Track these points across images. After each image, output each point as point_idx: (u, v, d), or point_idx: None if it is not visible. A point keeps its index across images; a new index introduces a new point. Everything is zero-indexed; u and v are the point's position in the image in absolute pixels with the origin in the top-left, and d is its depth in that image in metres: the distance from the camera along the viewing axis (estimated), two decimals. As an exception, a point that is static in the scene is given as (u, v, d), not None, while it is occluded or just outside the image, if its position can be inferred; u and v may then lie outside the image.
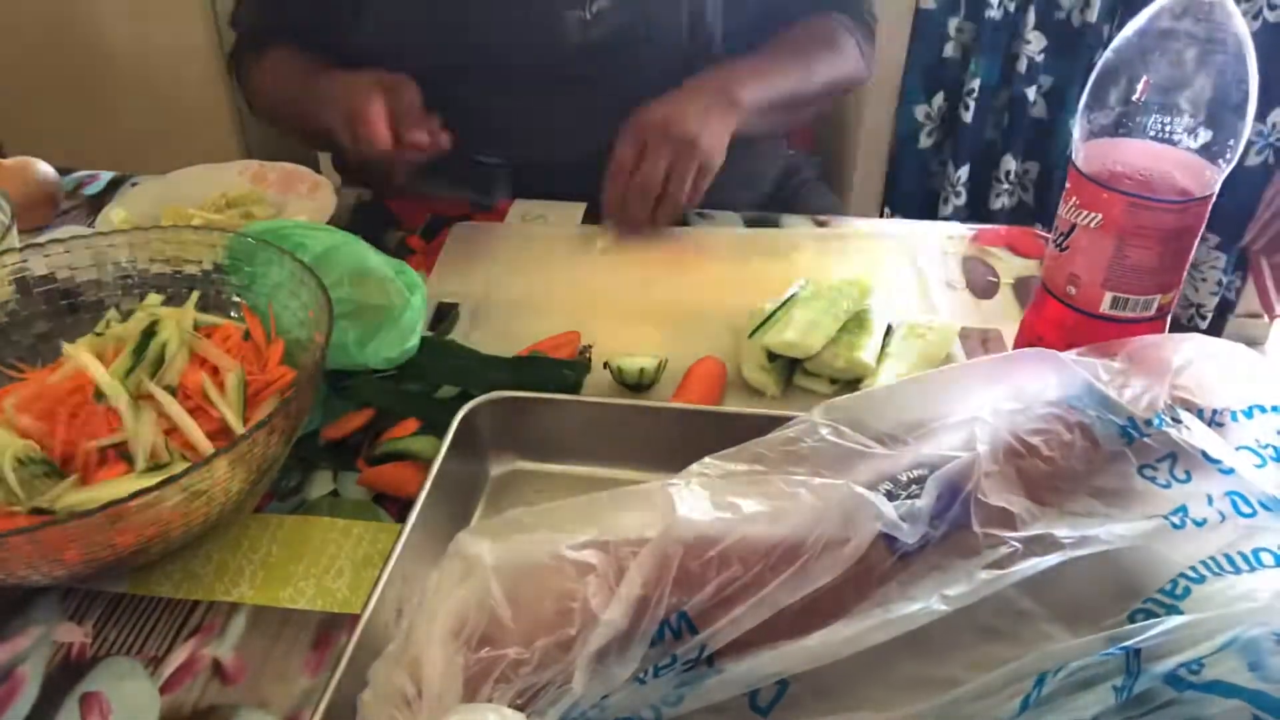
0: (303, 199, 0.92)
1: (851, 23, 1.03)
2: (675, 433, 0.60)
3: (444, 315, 0.79)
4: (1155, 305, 0.62)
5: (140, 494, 0.47)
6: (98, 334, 0.64)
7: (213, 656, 0.53)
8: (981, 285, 0.83)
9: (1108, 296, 0.62)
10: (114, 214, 0.86)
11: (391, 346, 0.66)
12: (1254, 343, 2.12)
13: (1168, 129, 0.57)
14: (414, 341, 0.67)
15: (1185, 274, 0.61)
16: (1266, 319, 2.14)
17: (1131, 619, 0.43)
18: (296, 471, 0.64)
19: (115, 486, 0.54)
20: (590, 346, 0.75)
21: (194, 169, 0.95)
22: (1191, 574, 0.43)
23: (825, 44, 1.00)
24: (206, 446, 0.57)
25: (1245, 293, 2.11)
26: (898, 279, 0.84)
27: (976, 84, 1.91)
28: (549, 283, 0.83)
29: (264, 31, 1.03)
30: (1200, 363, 0.50)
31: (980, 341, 0.76)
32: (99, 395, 0.58)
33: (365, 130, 0.81)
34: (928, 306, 0.80)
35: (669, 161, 0.83)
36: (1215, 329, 2.13)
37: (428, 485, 0.55)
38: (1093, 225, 0.61)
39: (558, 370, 0.69)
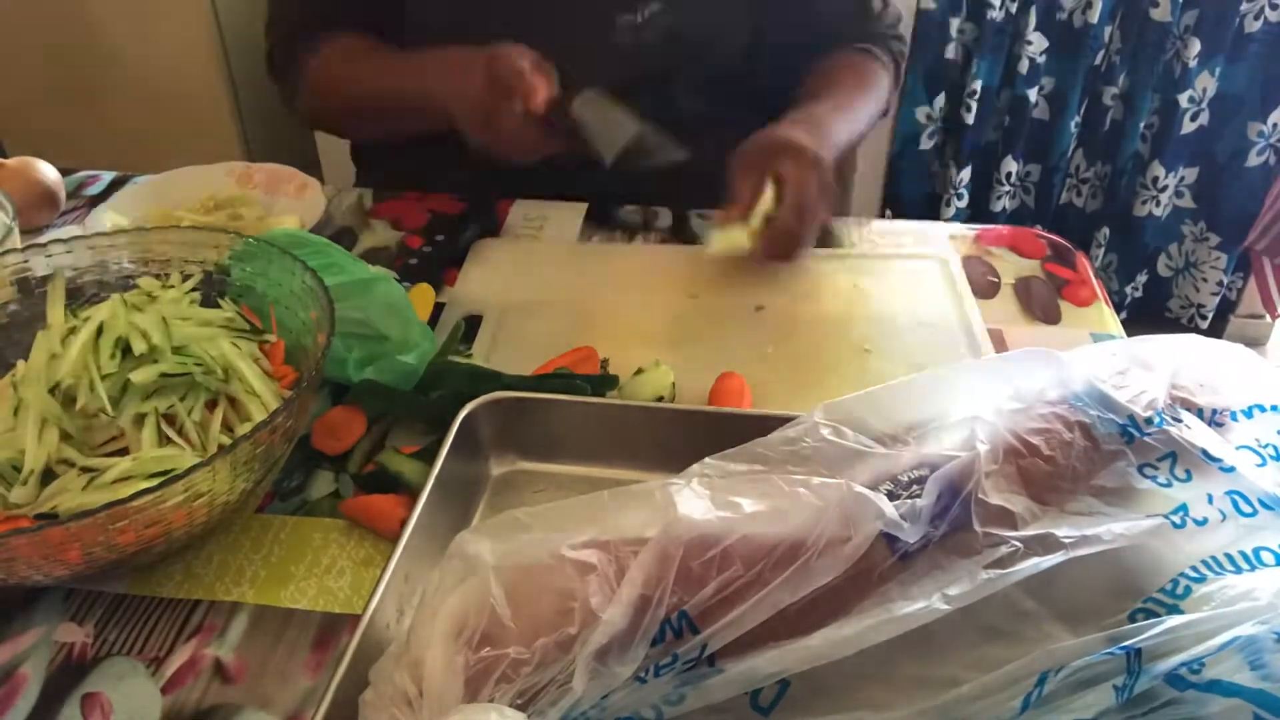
0: (290, 199, 0.91)
1: (886, 57, 0.99)
2: (675, 433, 0.60)
3: (470, 327, 0.78)
4: None
5: (141, 494, 0.47)
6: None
7: (214, 656, 0.53)
8: (982, 285, 0.83)
9: None
10: (105, 217, 0.86)
11: (386, 374, 0.67)
12: (1255, 343, 2.12)
13: None
14: (410, 366, 0.68)
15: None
16: (1268, 319, 2.14)
17: (1132, 618, 0.43)
18: (298, 472, 0.64)
19: (117, 488, 0.54)
20: (608, 360, 0.74)
21: (181, 171, 0.94)
22: (1192, 573, 0.43)
23: (869, 89, 0.96)
24: (209, 447, 0.57)
25: (1246, 293, 2.11)
26: (929, 289, 0.82)
27: (978, 85, 1.91)
28: (568, 295, 0.82)
29: (312, 25, 0.97)
30: (1200, 362, 0.50)
31: (981, 342, 0.76)
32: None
33: (527, 83, 0.76)
34: (959, 312, 0.79)
35: (802, 177, 0.78)
36: (1216, 329, 2.13)
37: (429, 485, 0.55)
38: None
39: (571, 389, 0.67)
